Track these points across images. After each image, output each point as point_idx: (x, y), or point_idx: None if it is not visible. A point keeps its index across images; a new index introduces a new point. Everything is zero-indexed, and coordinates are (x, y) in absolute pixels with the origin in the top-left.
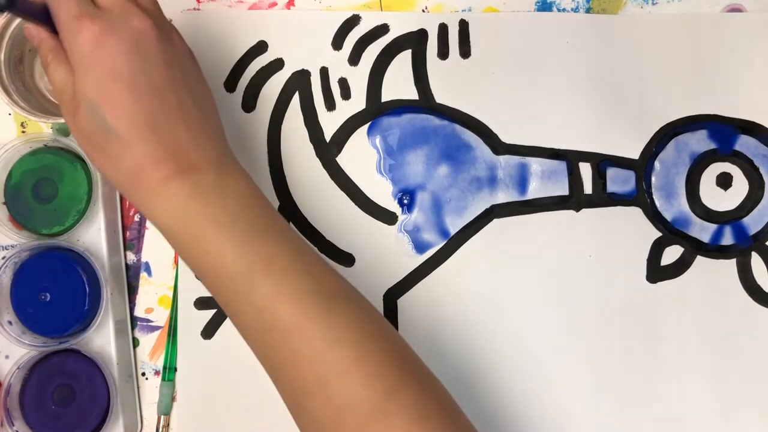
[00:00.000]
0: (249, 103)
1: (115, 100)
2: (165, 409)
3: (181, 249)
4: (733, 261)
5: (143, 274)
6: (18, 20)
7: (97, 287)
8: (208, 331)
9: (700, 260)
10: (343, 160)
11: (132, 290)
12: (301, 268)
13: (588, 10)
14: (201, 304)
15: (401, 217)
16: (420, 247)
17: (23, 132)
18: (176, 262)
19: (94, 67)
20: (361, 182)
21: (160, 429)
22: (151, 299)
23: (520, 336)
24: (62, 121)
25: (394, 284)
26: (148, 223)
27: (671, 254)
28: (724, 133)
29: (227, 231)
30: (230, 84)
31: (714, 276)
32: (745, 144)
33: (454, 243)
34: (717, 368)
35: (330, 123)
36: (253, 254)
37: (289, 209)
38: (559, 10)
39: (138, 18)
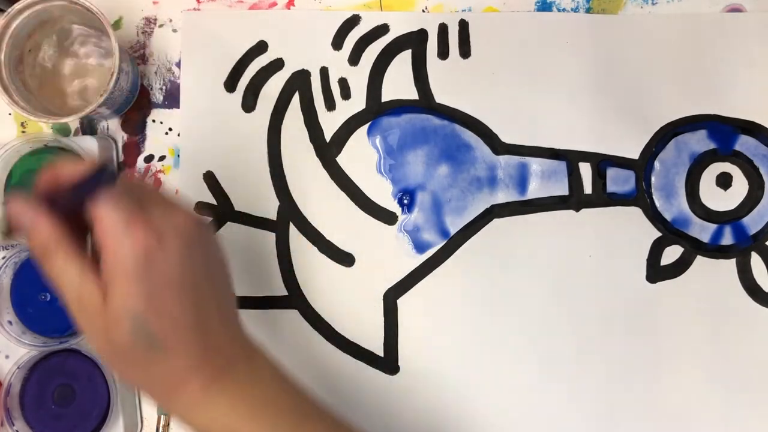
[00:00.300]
0: (249, 103)
1: (165, 310)
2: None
3: None
4: (733, 261)
5: None
6: (18, 20)
7: None
8: None
9: (699, 260)
10: (343, 160)
11: None
12: None
13: (588, 10)
14: None
15: (401, 217)
16: (420, 247)
17: (23, 132)
18: None
19: (144, 279)
20: (361, 182)
21: (160, 429)
22: None
23: (520, 335)
24: (63, 121)
25: (394, 284)
26: None
27: (671, 254)
28: (724, 133)
29: (269, 425)
30: (230, 84)
31: (714, 276)
32: (745, 144)
33: (454, 243)
34: (717, 368)
35: (330, 123)
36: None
37: (290, 209)
38: (559, 10)
39: (182, 215)
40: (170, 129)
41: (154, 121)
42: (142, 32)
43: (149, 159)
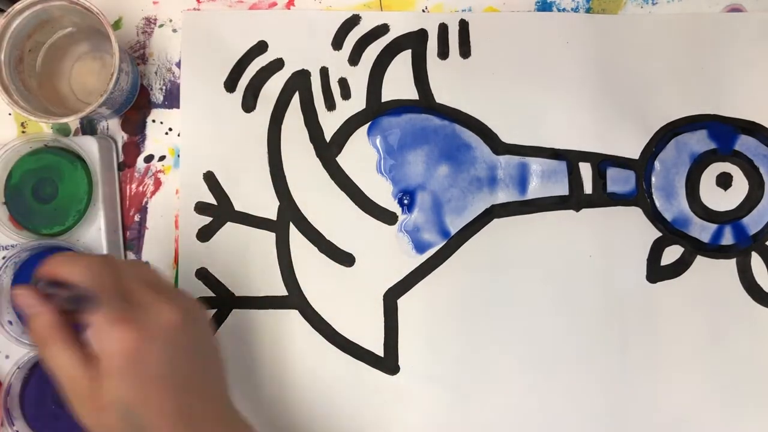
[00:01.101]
0: (249, 103)
1: (152, 402)
2: None
3: None
4: (733, 261)
5: None
6: (18, 20)
7: None
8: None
9: (700, 260)
10: (343, 160)
11: None
12: None
13: (588, 10)
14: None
15: (401, 217)
16: (420, 246)
17: (23, 132)
18: (176, 262)
19: (132, 374)
20: (361, 182)
21: None
22: None
23: (520, 335)
24: (63, 121)
25: (394, 284)
26: (148, 223)
27: (671, 254)
28: (724, 133)
29: None
30: (230, 84)
31: (714, 276)
32: (745, 144)
33: (454, 243)
34: (717, 368)
35: (330, 123)
36: None
37: (290, 209)
38: (559, 10)
39: (167, 311)
40: (170, 129)
41: (154, 121)
42: (142, 32)
43: (149, 159)
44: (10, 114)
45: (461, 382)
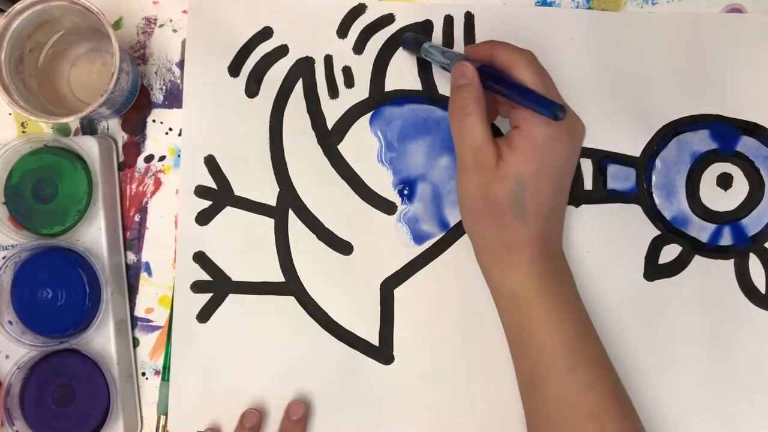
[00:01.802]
0: (252, 88)
1: (541, 188)
2: (165, 408)
3: (516, 315)
4: (731, 262)
5: (143, 274)
6: (18, 20)
7: (97, 287)
8: (204, 315)
9: (698, 260)
10: (345, 148)
11: (132, 290)
12: (609, 367)
13: (588, 10)
14: (197, 287)
15: (401, 207)
16: (419, 237)
17: (23, 132)
18: (176, 262)
19: (544, 158)
20: (362, 171)
21: (160, 429)
22: (151, 299)
23: None
24: (63, 121)
25: (391, 274)
26: (148, 223)
27: (669, 253)
28: (726, 133)
29: (567, 316)
30: (234, 69)
31: (711, 276)
32: (746, 145)
33: (452, 234)
34: (712, 367)
35: (332, 111)
36: (581, 344)
37: (290, 196)
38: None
39: (581, 124)
40: (170, 129)
41: (154, 121)
42: (142, 32)
43: (149, 159)
44: (10, 114)
45: (455, 373)
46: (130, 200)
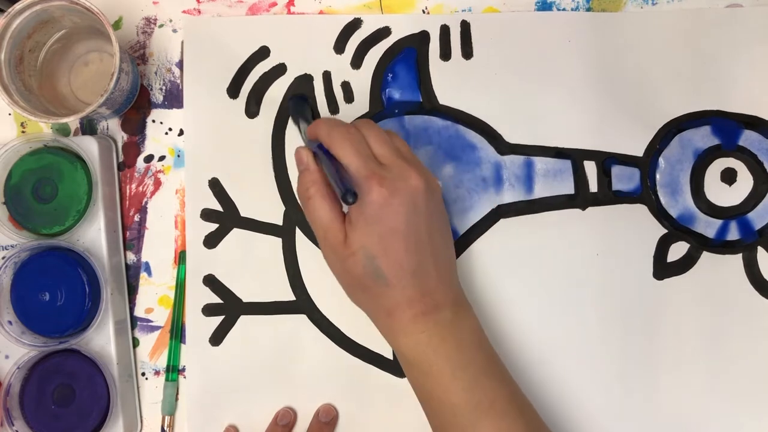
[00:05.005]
0: (252, 109)
1: (390, 253)
2: (169, 409)
3: (415, 376)
4: (739, 256)
5: (143, 274)
6: (18, 20)
7: (97, 287)
8: (217, 338)
9: (706, 256)
10: None
11: (132, 290)
12: (517, 411)
13: (588, 10)
14: (209, 311)
15: None
16: None
17: (23, 132)
18: (176, 263)
19: (379, 224)
20: None
21: (165, 428)
22: (151, 299)
23: (528, 334)
24: (63, 121)
25: None
26: (147, 223)
27: (677, 251)
28: (728, 128)
29: (460, 370)
30: (233, 90)
31: (720, 271)
32: (749, 139)
33: (461, 243)
34: (725, 363)
35: None
36: (481, 394)
37: (296, 214)
38: (559, 10)
39: (414, 177)
40: (170, 129)
41: (154, 121)
42: (142, 32)
43: (149, 159)
44: (10, 114)
45: None
46: (130, 200)
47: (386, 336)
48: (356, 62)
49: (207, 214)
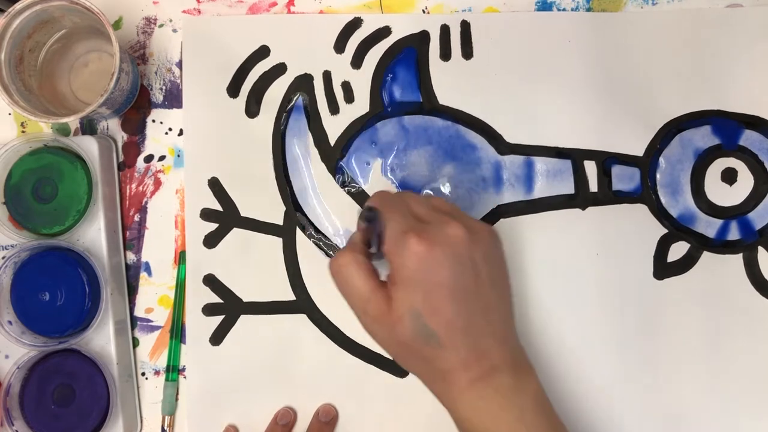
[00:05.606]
0: (252, 108)
1: (438, 309)
2: (170, 409)
3: None
4: (740, 256)
5: (143, 274)
6: (18, 20)
7: (97, 287)
8: (217, 338)
9: (706, 256)
10: (348, 163)
11: (132, 290)
12: None
13: (588, 11)
14: (209, 310)
15: None
16: None
17: (23, 132)
18: (176, 263)
19: (421, 280)
20: (367, 185)
21: (165, 428)
22: (151, 299)
23: (528, 334)
24: (63, 121)
25: None
26: (148, 223)
27: (678, 250)
28: (729, 128)
29: None
30: (233, 90)
31: (721, 271)
32: (749, 139)
33: None
34: (725, 363)
35: (334, 127)
36: None
37: (296, 214)
38: (559, 10)
39: (453, 227)
40: (170, 129)
41: (154, 121)
42: (142, 32)
43: (149, 159)
44: (10, 114)
45: None
46: (130, 200)
47: (443, 401)
48: (356, 62)
49: (207, 214)
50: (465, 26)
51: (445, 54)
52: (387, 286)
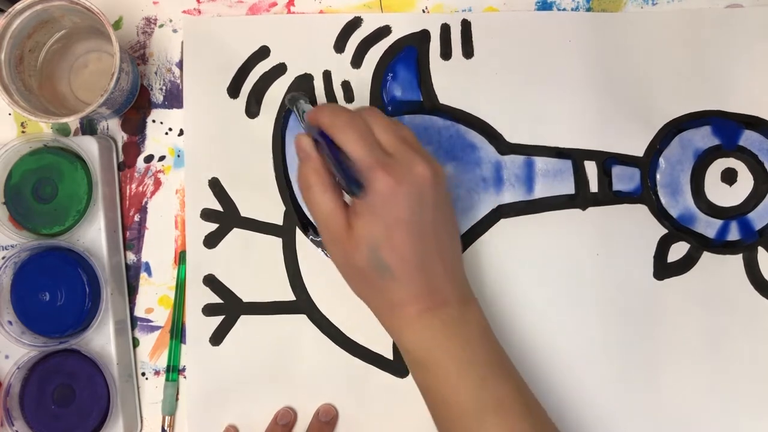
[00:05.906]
0: (252, 109)
1: (395, 243)
2: (170, 409)
3: (420, 374)
4: (740, 256)
5: (143, 274)
6: (18, 20)
7: (97, 287)
8: (217, 338)
9: (706, 256)
10: None
11: (132, 290)
12: (524, 409)
13: (588, 11)
14: (209, 311)
15: None
16: None
17: (23, 132)
18: (176, 263)
19: (383, 216)
20: None
21: (166, 428)
22: (151, 299)
23: (528, 334)
24: (63, 121)
25: None
26: (148, 223)
27: (678, 251)
28: (728, 128)
29: (467, 368)
30: (233, 90)
31: (721, 272)
32: (749, 139)
33: (462, 242)
34: (725, 363)
35: None
36: (488, 393)
37: (296, 215)
38: (559, 10)
39: (421, 166)
40: (170, 129)
41: (154, 121)
42: (142, 32)
43: (149, 159)
44: (10, 114)
45: None
46: (130, 200)
47: (390, 331)
48: (356, 61)
49: (207, 214)
50: (465, 25)
51: (446, 53)
52: (349, 210)
